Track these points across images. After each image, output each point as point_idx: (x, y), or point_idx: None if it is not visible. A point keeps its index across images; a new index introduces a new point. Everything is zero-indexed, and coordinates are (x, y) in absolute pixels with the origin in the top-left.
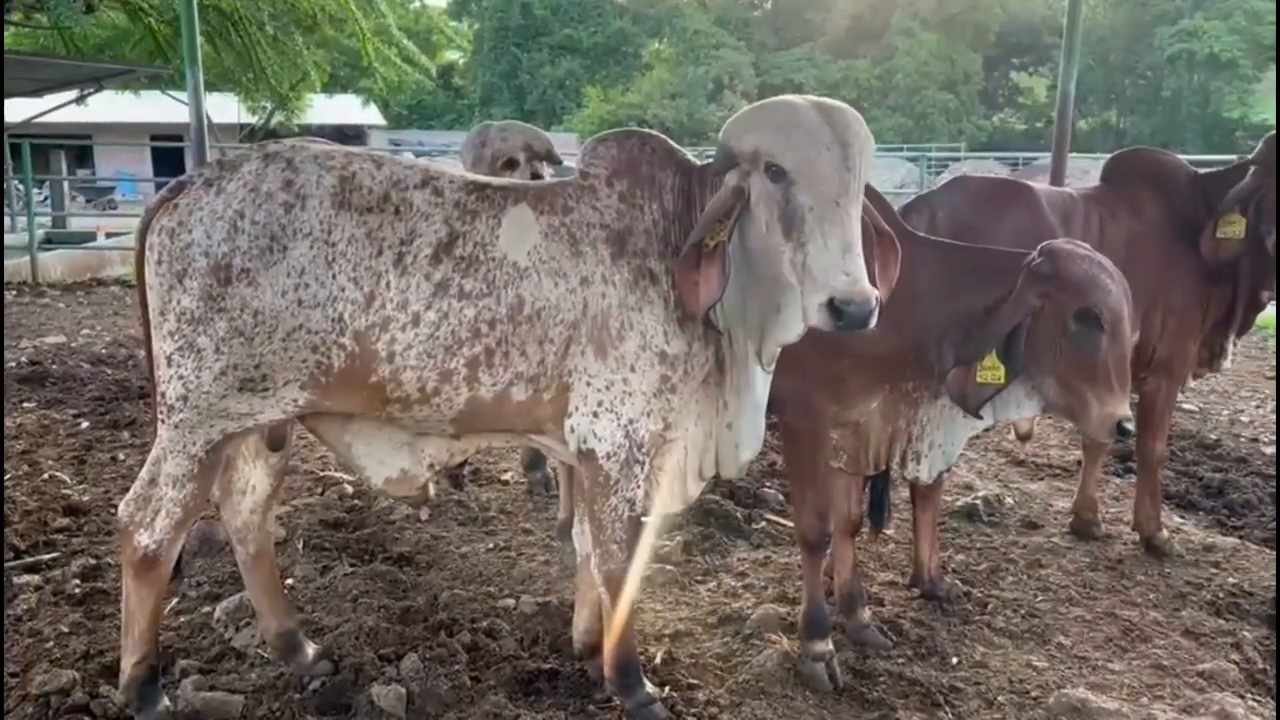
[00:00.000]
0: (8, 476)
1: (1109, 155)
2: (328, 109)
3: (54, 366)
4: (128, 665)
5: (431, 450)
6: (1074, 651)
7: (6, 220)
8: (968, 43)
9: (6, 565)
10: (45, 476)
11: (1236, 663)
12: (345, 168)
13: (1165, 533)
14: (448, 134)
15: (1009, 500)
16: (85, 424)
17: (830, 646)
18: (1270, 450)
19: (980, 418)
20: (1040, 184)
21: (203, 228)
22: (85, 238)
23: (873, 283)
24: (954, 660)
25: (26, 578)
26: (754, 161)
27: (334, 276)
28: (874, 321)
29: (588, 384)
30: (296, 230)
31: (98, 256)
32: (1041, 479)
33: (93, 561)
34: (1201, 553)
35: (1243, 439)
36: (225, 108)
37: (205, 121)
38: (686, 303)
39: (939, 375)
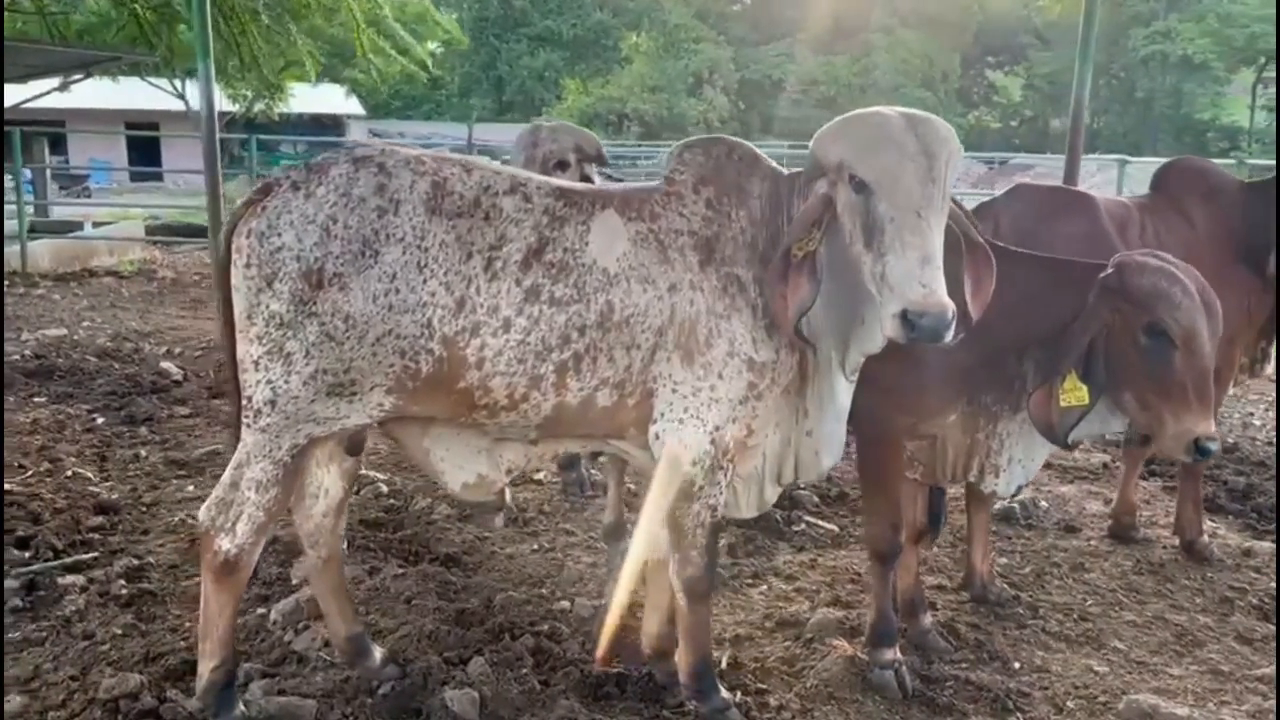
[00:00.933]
0: (30, 473)
1: (1161, 162)
2: (309, 98)
3: (59, 360)
4: (205, 670)
5: (510, 456)
6: (1131, 656)
7: None
8: (946, 41)
9: (47, 565)
10: (69, 474)
11: None
12: (437, 173)
13: (1206, 537)
14: (427, 124)
15: (1044, 503)
16: (100, 420)
17: (898, 654)
18: None
19: (1070, 447)
20: (1096, 193)
21: (293, 231)
22: (71, 226)
23: (960, 296)
24: (1015, 665)
25: (70, 578)
26: (839, 172)
27: (425, 282)
28: (950, 335)
29: (674, 390)
30: (389, 235)
31: (85, 246)
32: (1071, 481)
33: (135, 562)
34: (1241, 557)
35: (1258, 442)
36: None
37: (215, 111)
38: (776, 314)
39: (1019, 390)
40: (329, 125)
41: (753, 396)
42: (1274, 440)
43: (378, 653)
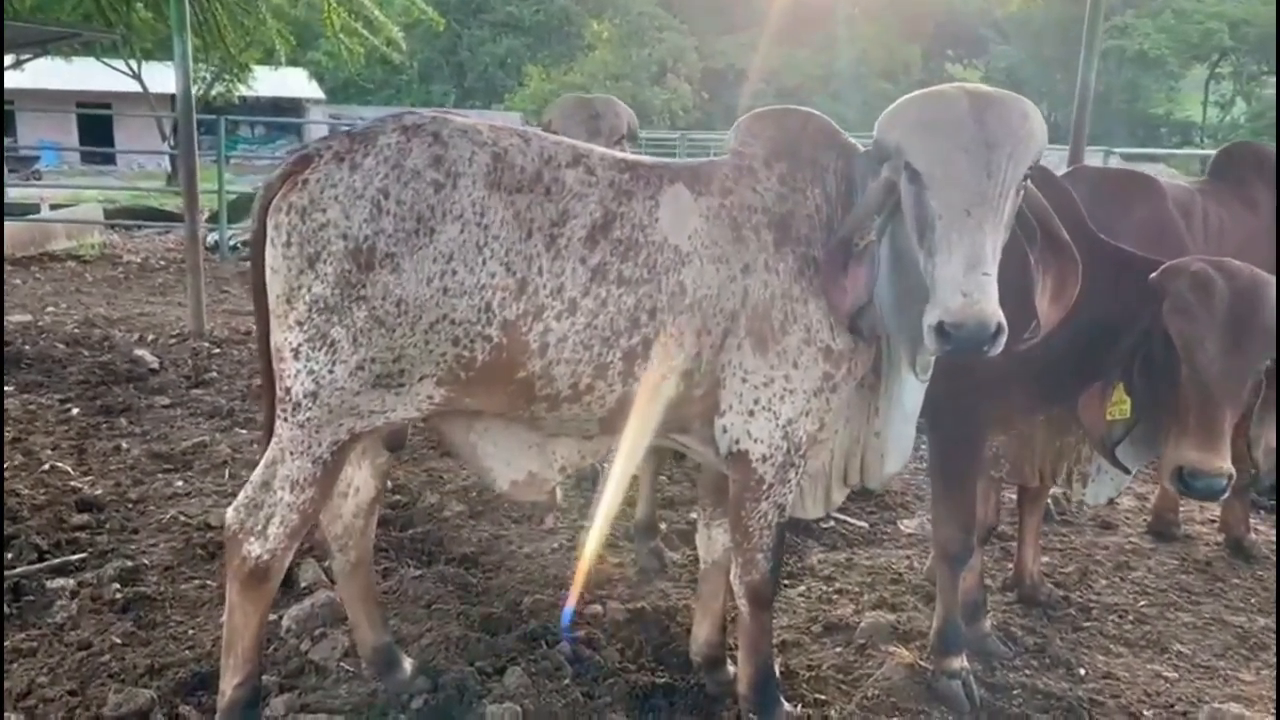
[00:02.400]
0: (5, 466)
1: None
2: (269, 81)
3: (26, 347)
4: (228, 687)
5: (563, 451)
6: (1197, 660)
7: None
8: (906, 33)
9: (32, 567)
10: (46, 468)
11: None
12: (497, 143)
13: (1253, 535)
14: (385, 109)
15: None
16: (75, 410)
17: (965, 663)
18: None
19: (1125, 469)
20: (1164, 179)
21: (339, 207)
22: (27, 209)
23: (1030, 299)
24: (1080, 671)
25: (59, 582)
26: (897, 157)
27: (484, 262)
28: (995, 349)
29: (744, 380)
30: (446, 212)
31: (42, 229)
32: None
33: (128, 564)
34: None
35: None
36: (164, 76)
37: (192, 94)
38: (833, 306)
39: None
40: (288, 109)
41: (828, 388)
42: None
43: (408, 664)
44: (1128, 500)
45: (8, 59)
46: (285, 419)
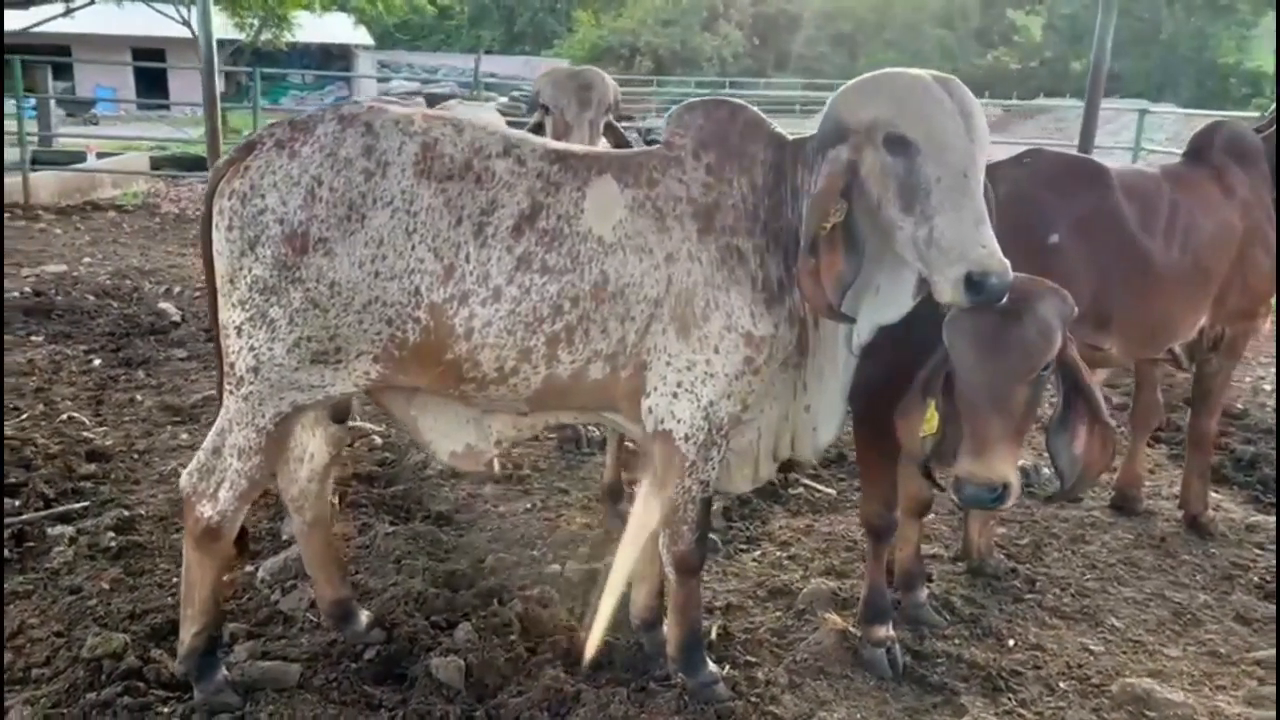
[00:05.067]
0: (25, 416)
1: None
2: (315, 27)
3: (58, 298)
4: (187, 636)
5: (499, 426)
6: (1128, 635)
7: None
8: None
9: (37, 515)
10: (64, 417)
11: None
12: (427, 134)
13: (1211, 512)
14: (435, 55)
15: (1046, 471)
16: (97, 361)
17: (891, 632)
18: None
19: (932, 478)
20: (1121, 165)
21: (277, 193)
22: (75, 157)
23: None
24: (1010, 642)
25: (60, 529)
26: (870, 133)
27: (413, 248)
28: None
29: (667, 364)
30: (377, 199)
31: (89, 178)
32: None
33: (125, 513)
34: (1244, 532)
35: (1268, 408)
36: (214, 22)
37: (214, 44)
38: (814, 299)
39: None
40: (337, 55)
41: (749, 371)
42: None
43: (364, 616)
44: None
45: (59, 6)
46: (231, 392)
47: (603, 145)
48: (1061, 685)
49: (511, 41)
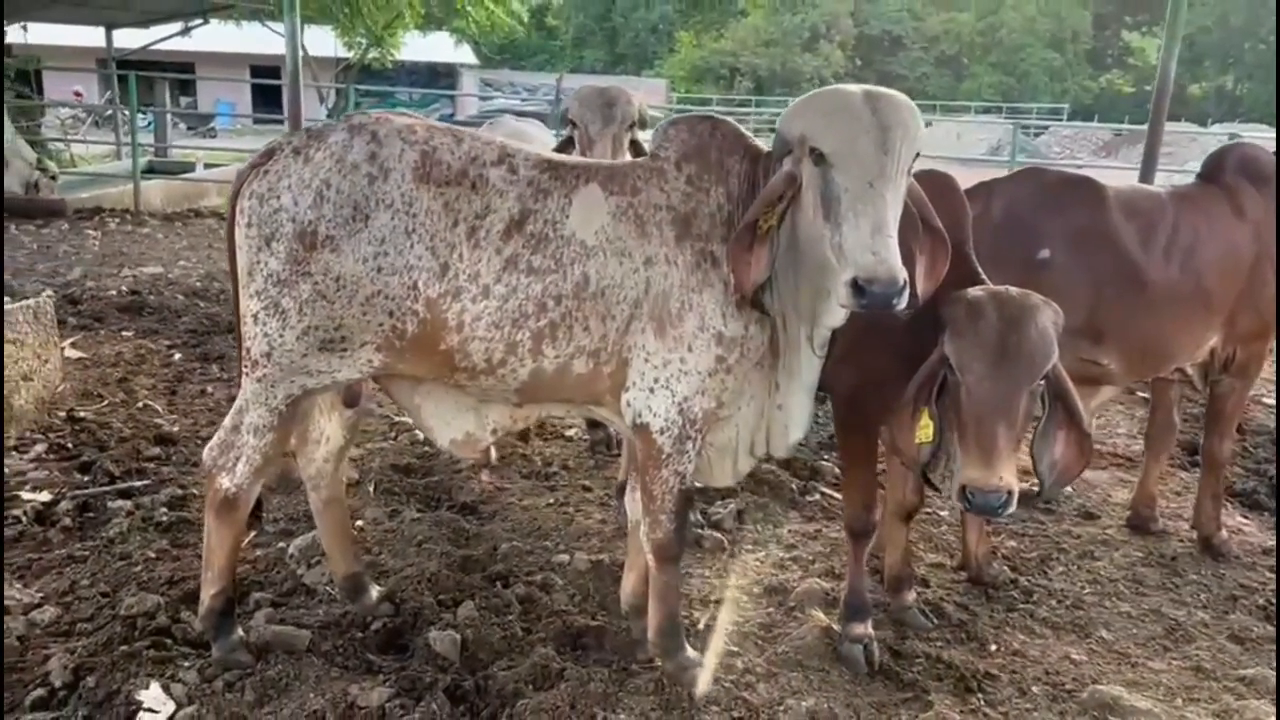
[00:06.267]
0: (105, 403)
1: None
2: (421, 47)
3: (151, 297)
4: (206, 597)
5: (495, 416)
6: (1115, 647)
7: (113, 148)
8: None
9: (100, 489)
10: (140, 405)
11: None
12: (427, 142)
13: (1224, 533)
14: (538, 75)
15: (1068, 488)
16: (178, 355)
17: (869, 630)
18: None
19: (937, 488)
20: (1124, 184)
21: (291, 194)
22: (184, 167)
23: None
24: (992, 647)
25: (120, 503)
26: (801, 146)
27: (412, 246)
28: (901, 304)
29: (646, 360)
30: (379, 201)
31: (196, 187)
32: (1105, 468)
33: (180, 491)
34: (1259, 555)
35: None
36: (323, 42)
37: (300, 63)
38: (736, 281)
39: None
40: (443, 74)
41: (721, 370)
42: None
43: (374, 591)
44: (1122, 493)
45: (176, 25)
46: (247, 374)
47: (626, 159)
48: (1034, 690)
49: (614, 62)
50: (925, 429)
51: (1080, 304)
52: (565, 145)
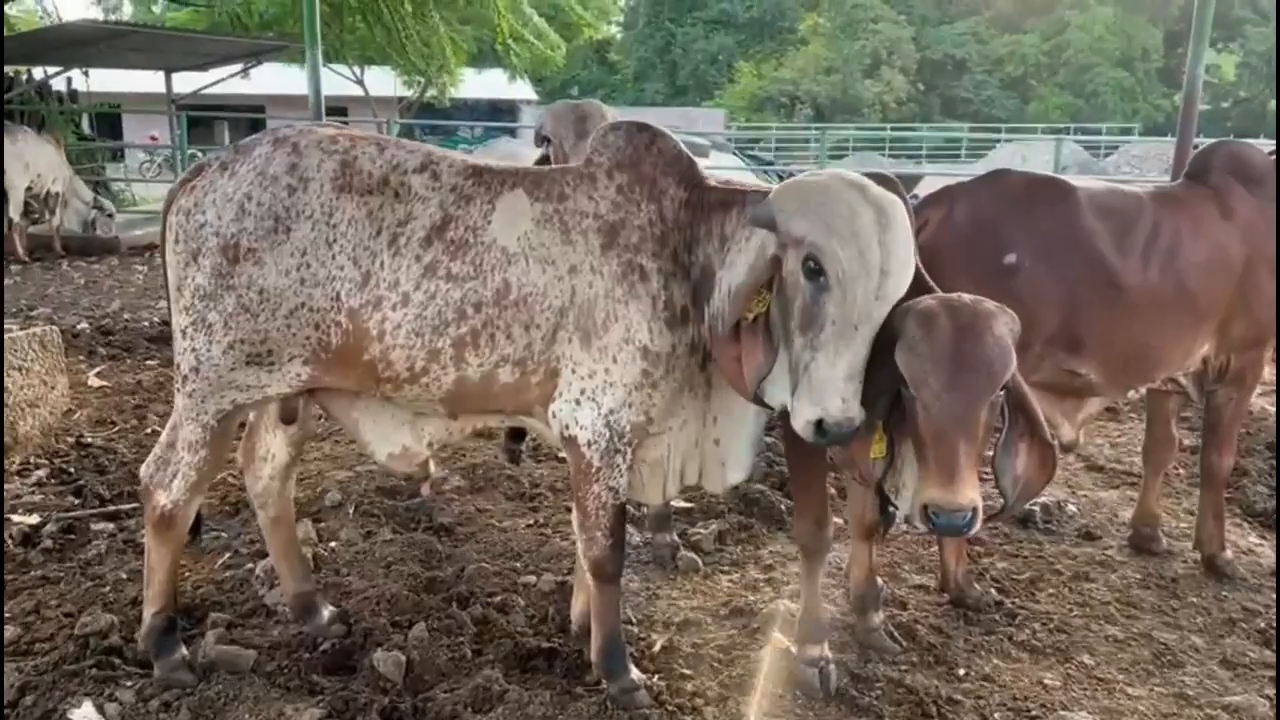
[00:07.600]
0: (116, 429)
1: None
2: (480, 84)
3: None
4: (147, 615)
5: (431, 429)
6: (1095, 672)
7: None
8: (1147, 17)
9: (85, 512)
10: (149, 431)
11: (1270, 698)
12: (347, 152)
13: (1229, 553)
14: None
15: (1071, 508)
16: None
17: (826, 652)
18: None
19: (894, 506)
20: (1094, 183)
21: (215, 209)
22: None
23: None
24: (961, 671)
25: (103, 525)
26: (798, 248)
27: (334, 256)
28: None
29: (573, 371)
30: (299, 212)
31: None
32: (1116, 486)
33: None
34: (1266, 577)
35: None
36: (384, 81)
37: (322, 99)
38: (733, 382)
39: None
40: (504, 110)
41: (647, 384)
42: None
43: (326, 611)
44: (1128, 511)
45: (234, 66)
46: (179, 390)
47: None
48: (995, 717)
49: (674, 94)
50: (879, 444)
51: (1053, 311)
52: (542, 162)
